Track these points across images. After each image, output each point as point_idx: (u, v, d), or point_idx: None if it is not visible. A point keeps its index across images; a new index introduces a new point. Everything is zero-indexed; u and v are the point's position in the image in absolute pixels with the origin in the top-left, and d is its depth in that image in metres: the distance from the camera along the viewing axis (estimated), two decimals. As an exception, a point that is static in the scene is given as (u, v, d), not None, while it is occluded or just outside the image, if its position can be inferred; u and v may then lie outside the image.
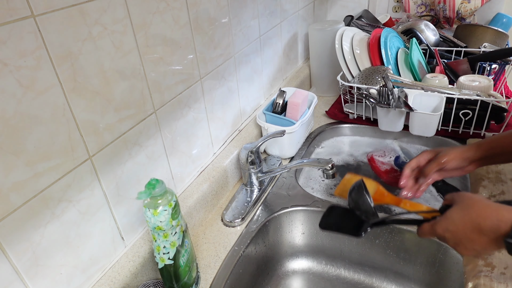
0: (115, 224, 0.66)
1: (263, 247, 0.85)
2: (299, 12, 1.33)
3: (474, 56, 1.18)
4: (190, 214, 0.80)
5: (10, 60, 0.45)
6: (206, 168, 0.90)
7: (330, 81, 1.35)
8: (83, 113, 0.56)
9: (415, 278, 0.83)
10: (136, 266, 0.66)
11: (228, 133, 0.99)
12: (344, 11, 1.64)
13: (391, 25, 1.54)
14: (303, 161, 0.85)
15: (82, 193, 0.58)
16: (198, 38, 0.79)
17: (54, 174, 0.53)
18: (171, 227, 0.60)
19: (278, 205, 0.88)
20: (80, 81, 0.54)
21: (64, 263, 0.57)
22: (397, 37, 1.23)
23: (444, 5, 1.54)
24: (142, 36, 0.64)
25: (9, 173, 0.47)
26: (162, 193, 0.58)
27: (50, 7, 0.48)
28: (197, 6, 0.77)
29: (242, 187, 0.94)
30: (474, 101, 0.98)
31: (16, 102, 0.47)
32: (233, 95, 0.98)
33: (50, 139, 0.51)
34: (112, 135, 0.62)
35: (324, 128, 1.18)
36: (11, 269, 0.49)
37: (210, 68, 0.85)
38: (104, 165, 0.61)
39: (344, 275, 0.89)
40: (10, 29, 0.45)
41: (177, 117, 0.77)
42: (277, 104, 1.05)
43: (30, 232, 0.51)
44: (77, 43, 0.53)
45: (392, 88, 0.96)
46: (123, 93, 0.62)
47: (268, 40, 1.12)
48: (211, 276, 0.73)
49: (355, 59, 1.17)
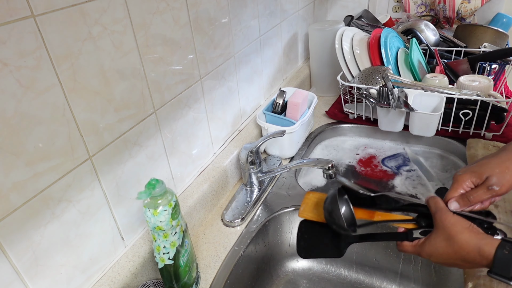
0: (115, 224, 0.66)
1: (263, 247, 0.85)
2: (299, 12, 1.33)
3: (474, 56, 1.18)
4: (190, 214, 0.80)
5: (10, 60, 0.45)
6: (206, 168, 0.90)
7: (330, 81, 1.35)
8: (83, 113, 0.56)
9: (415, 278, 0.84)
10: (136, 266, 0.66)
11: (228, 133, 0.99)
12: (344, 11, 1.64)
13: (391, 25, 1.54)
14: (303, 161, 0.85)
15: (82, 193, 0.58)
16: (198, 38, 0.79)
17: (54, 174, 0.53)
18: (171, 227, 0.60)
19: (278, 205, 0.88)
20: (80, 81, 0.54)
21: (64, 263, 0.57)
22: (397, 37, 1.23)
23: (444, 5, 1.54)
24: (142, 36, 0.64)
25: (9, 173, 0.47)
26: (162, 193, 0.58)
27: (50, 7, 0.48)
28: (197, 6, 0.77)
29: (242, 187, 0.94)
30: (474, 101, 0.98)
31: (16, 102, 0.47)
32: (233, 95, 0.98)
33: (50, 139, 0.51)
34: (112, 135, 0.62)
35: (324, 128, 1.18)
36: (11, 269, 0.49)
37: (210, 68, 0.85)
38: (104, 165, 0.61)
39: (344, 275, 0.89)
40: (10, 29, 0.45)
41: (177, 117, 0.77)
42: (277, 104, 1.05)
43: (30, 232, 0.51)
44: (77, 43, 0.53)
45: (392, 88, 0.96)
46: (123, 93, 0.62)
47: (268, 40, 1.12)
48: (211, 276, 0.73)
49: (355, 59, 1.17)
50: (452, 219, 0.50)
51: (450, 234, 0.49)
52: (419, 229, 0.56)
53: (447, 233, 0.50)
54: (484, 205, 0.57)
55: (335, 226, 0.59)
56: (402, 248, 0.58)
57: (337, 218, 0.58)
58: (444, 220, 0.51)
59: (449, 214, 0.51)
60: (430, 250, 0.53)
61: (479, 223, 0.51)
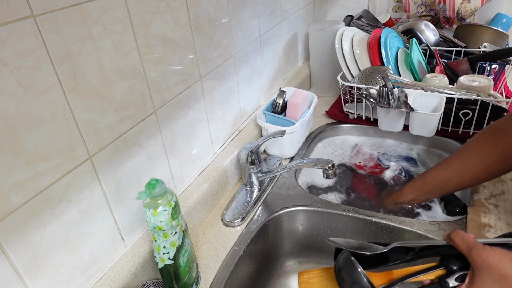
0: (115, 224, 0.66)
1: (263, 247, 0.85)
2: (299, 12, 1.33)
3: (474, 56, 1.18)
4: (190, 214, 0.80)
5: (10, 60, 0.45)
6: (206, 168, 0.90)
7: (330, 81, 1.35)
8: (83, 113, 0.56)
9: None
10: (136, 266, 0.66)
11: (228, 133, 0.99)
12: (344, 11, 1.64)
13: (391, 25, 1.54)
14: (303, 161, 0.85)
15: (82, 193, 0.58)
16: (198, 38, 0.79)
17: (54, 174, 0.53)
18: (171, 227, 0.59)
19: (278, 205, 0.88)
20: (80, 81, 0.54)
21: (64, 263, 0.57)
22: (397, 37, 1.23)
23: (444, 5, 1.54)
24: (142, 36, 0.64)
25: (9, 173, 0.47)
26: (162, 193, 0.58)
27: (50, 7, 0.48)
28: (197, 6, 0.77)
29: (242, 187, 0.94)
30: (474, 101, 0.98)
31: (16, 102, 0.47)
32: (233, 95, 0.98)
33: (50, 139, 0.51)
34: (112, 135, 0.62)
35: (324, 128, 1.18)
36: (11, 269, 0.49)
37: (210, 68, 0.85)
38: (104, 165, 0.61)
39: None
40: (10, 29, 0.45)
41: (177, 117, 0.77)
42: (277, 104, 1.05)
43: (30, 232, 0.51)
44: (77, 43, 0.53)
45: (392, 88, 0.96)
46: (123, 93, 0.62)
47: (268, 40, 1.12)
48: (211, 276, 0.73)
49: (355, 59, 1.17)
50: (495, 255, 0.44)
51: (501, 273, 0.43)
52: (451, 274, 0.49)
53: (497, 272, 0.44)
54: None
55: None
56: None
57: (359, 284, 0.49)
58: (486, 258, 0.44)
59: (488, 249, 0.45)
60: None
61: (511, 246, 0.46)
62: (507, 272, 0.43)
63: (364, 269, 0.49)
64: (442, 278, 0.49)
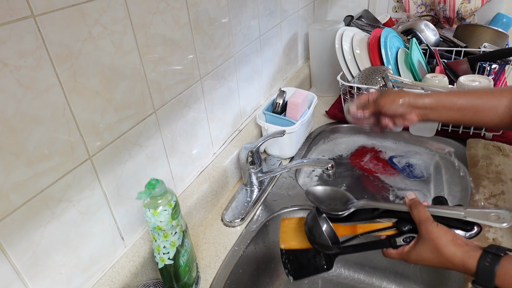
0: (115, 224, 0.66)
1: (263, 247, 0.85)
2: (299, 12, 1.33)
3: (474, 56, 1.17)
4: (190, 214, 0.80)
5: (10, 60, 0.45)
6: (206, 168, 0.90)
7: (330, 81, 1.35)
8: (83, 113, 0.56)
9: (415, 278, 0.84)
10: (136, 266, 0.66)
11: (228, 133, 0.99)
12: (344, 11, 1.64)
13: (391, 25, 1.54)
14: (303, 161, 0.85)
15: (82, 193, 0.58)
16: (198, 38, 0.79)
17: (54, 174, 0.53)
18: (171, 227, 0.59)
19: (278, 205, 0.88)
20: (80, 81, 0.54)
21: (64, 263, 0.57)
22: (397, 37, 1.23)
23: (444, 5, 1.54)
24: (142, 36, 0.64)
25: (9, 173, 0.47)
26: (162, 193, 0.58)
27: (50, 7, 0.48)
28: (197, 6, 0.77)
29: (242, 187, 0.94)
30: (474, 101, 0.98)
31: (16, 102, 0.47)
32: (233, 95, 0.98)
33: (50, 139, 0.51)
34: (112, 135, 0.62)
35: (324, 128, 1.18)
36: (11, 269, 0.49)
37: (210, 68, 0.85)
38: (104, 165, 0.61)
39: (344, 274, 0.89)
40: (10, 29, 0.45)
41: (177, 117, 0.77)
42: (277, 104, 1.05)
43: (30, 232, 0.51)
44: (77, 43, 0.53)
45: (392, 88, 0.96)
46: (123, 93, 0.62)
47: (268, 40, 1.12)
48: (211, 276, 0.73)
49: (355, 59, 1.17)
50: (437, 232, 0.53)
51: (436, 247, 0.52)
52: (401, 235, 0.58)
53: (433, 245, 0.53)
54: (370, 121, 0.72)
55: (320, 247, 0.59)
56: (387, 255, 0.60)
57: (320, 237, 0.58)
58: (430, 232, 0.53)
59: (434, 225, 0.53)
60: (417, 259, 0.55)
61: (456, 220, 0.55)
62: (440, 247, 0.52)
63: (332, 222, 0.60)
64: (393, 236, 0.58)
